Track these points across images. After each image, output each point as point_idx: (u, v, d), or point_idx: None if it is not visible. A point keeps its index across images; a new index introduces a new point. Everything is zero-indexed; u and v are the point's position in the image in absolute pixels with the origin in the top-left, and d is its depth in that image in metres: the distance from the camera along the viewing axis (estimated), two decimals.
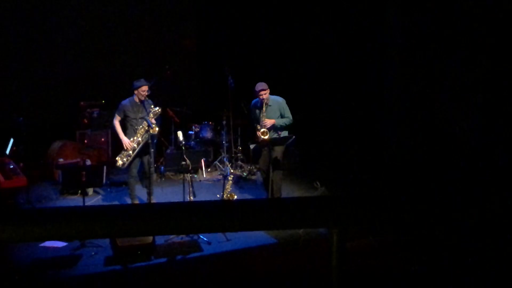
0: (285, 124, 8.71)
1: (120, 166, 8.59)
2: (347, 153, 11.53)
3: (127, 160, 8.51)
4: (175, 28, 14.05)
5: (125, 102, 8.67)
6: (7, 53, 12.18)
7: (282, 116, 8.71)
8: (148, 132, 8.34)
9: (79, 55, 12.85)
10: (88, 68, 12.78)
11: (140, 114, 8.56)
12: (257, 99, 8.75)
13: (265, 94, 8.57)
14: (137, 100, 8.59)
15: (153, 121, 8.45)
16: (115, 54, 13.17)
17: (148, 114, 8.47)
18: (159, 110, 8.69)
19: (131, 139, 8.53)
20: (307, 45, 12.82)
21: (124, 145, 8.53)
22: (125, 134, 8.62)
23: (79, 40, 12.86)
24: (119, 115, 8.65)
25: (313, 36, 12.69)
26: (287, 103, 8.80)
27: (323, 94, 12.58)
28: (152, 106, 8.61)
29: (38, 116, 11.89)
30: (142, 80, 8.66)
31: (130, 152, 8.51)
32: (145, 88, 8.52)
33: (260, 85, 8.63)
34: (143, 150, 8.54)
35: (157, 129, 8.48)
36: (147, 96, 8.57)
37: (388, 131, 11.45)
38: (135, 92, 8.55)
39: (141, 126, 8.51)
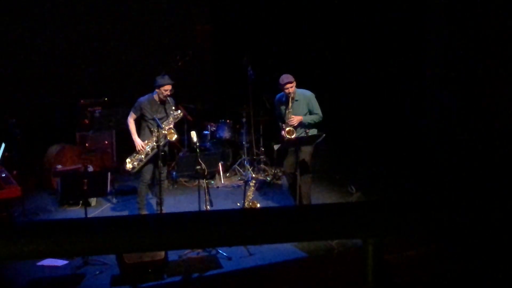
0: (314, 121, 8.71)
1: (129, 170, 8.64)
2: (386, 154, 11.48)
3: (137, 164, 8.56)
4: (187, 14, 14.09)
5: (143, 99, 8.72)
6: None
7: (310, 113, 8.71)
8: (165, 138, 8.42)
9: (78, 47, 12.90)
10: (88, 62, 12.83)
11: (158, 115, 8.59)
12: (282, 93, 8.77)
13: (291, 88, 8.58)
14: (157, 99, 8.63)
15: (172, 125, 8.52)
16: (119, 45, 13.22)
17: (168, 117, 8.52)
18: (181, 114, 8.77)
19: (145, 141, 8.57)
20: (337, 30, 12.78)
21: (137, 147, 8.58)
22: (139, 135, 8.66)
23: (78, 29, 12.92)
24: (135, 113, 8.71)
25: (345, 19, 12.64)
26: (316, 97, 8.81)
27: (357, 86, 12.52)
28: (174, 108, 8.64)
29: (32, 117, 12.00)
30: (167, 77, 8.68)
31: (142, 156, 8.55)
32: (168, 87, 8.55)
33: (286, 78, 8.62)
34: (157, 156, 8.57)
35: (175, 136, 8.55)
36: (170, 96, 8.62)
37: (431, 128, 11.39)
38: (157, 90, 8.60)
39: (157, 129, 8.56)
